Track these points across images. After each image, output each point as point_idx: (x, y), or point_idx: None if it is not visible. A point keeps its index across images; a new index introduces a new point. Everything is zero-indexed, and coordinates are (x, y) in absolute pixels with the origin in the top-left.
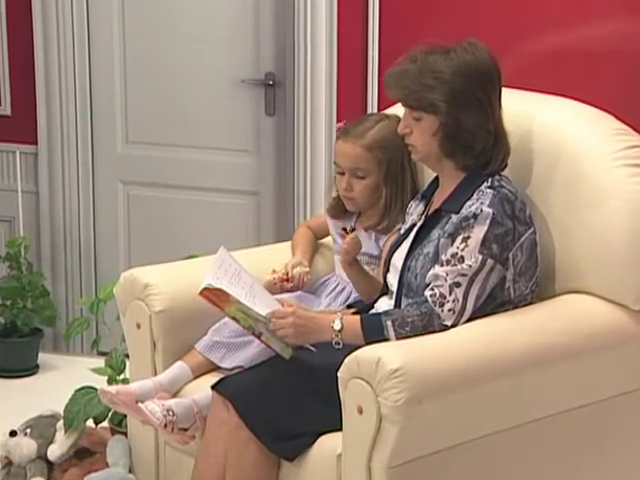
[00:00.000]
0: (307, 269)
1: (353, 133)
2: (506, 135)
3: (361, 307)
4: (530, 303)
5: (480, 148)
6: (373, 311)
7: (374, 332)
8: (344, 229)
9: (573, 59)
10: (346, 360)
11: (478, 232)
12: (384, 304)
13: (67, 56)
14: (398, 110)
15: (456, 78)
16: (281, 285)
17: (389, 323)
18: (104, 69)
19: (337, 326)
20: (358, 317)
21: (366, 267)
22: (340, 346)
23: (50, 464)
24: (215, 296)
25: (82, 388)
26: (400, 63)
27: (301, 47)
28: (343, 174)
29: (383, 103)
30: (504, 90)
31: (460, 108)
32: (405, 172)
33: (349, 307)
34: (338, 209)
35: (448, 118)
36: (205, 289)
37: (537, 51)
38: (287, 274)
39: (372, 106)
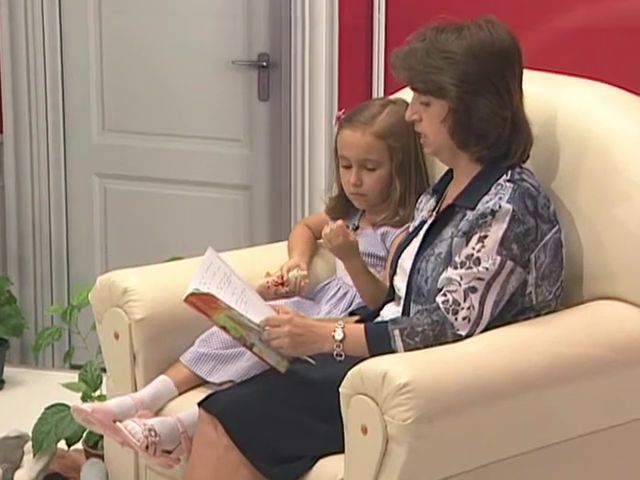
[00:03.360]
0: (305, 272)
1: (360, 120)
2: (527, 123)
3: (365, 314)
4: (554, 310)
5: (494, 138)
6: (379, 319)
7: (380, 343)
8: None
9: (603, 36)
10: (349, 374)
11: (496, 231)
12: (391, 311)
13: (36, 33)
14: (405, 94)
15: (468, 59)
16: (275, 289)
17: (397, 332)
18: (78, 48)
19: (339, 336)
20: (362, 326)
21: (371, 270)
22: (342, 358)
23: None
24: (202, 302)
25: (53, 406)
26: (409, 42)
27: (298, 24)
28: (350, 167)
29: (390, 86)
30: (525, 72)
31: (472, 93)
32: (418, 161)
33: (352, 314)
34: (339, 209)
35: (458, 104)
36: (191, 295)
37: (563, 27)
38: (282, 277)
39: (378, 90)
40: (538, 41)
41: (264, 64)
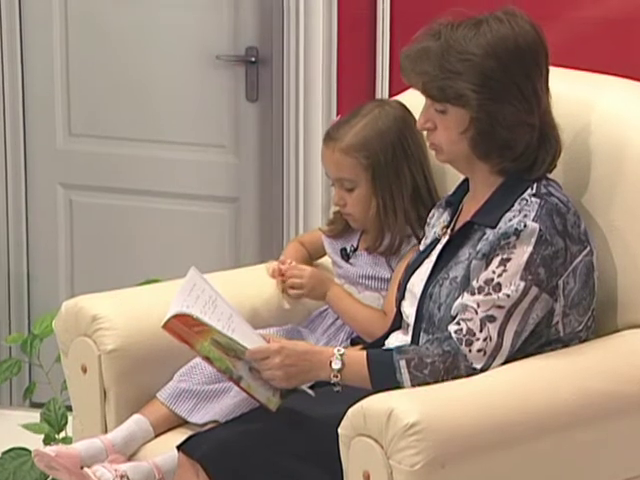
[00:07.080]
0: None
1: (334, 135)
2: (556, 130)
3: (369, 343)
4: (584, 342)
5: (522, 148)
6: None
7: (383, 374)
8: (343, 250)
9: (638, 26)
10: (349, 413)
11: (521, 253)
12: (397, 341)
13: None
14: (413, 96)
15: (489, 60)
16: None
17: (403, 363)
18: (40, 40)
19: (336, 365)
20: (363, 354)
21: (375, 294)
22: (339, 388)
23: None
24: (185, 327)
25: (11, 450)
26: (419, 39)
27: (292, 14)
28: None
29: (395, 85)
30: (552, 69)
31: (495, 99)
32: (400, 175)
33: (353, 343)
34: (338, 226)
35: (480, 112)
36: (173, 318)
37: (591, 17)
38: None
39: (382, 90)
40: (564, 33)
41: (252, 59)
